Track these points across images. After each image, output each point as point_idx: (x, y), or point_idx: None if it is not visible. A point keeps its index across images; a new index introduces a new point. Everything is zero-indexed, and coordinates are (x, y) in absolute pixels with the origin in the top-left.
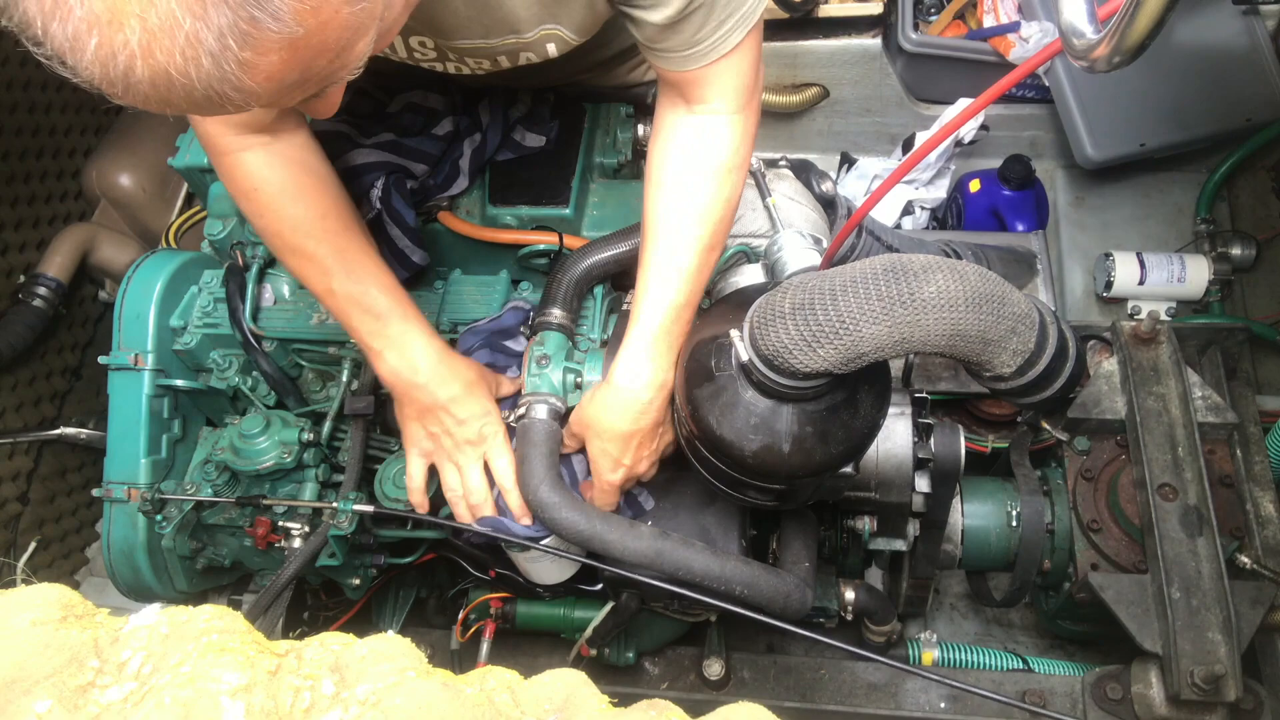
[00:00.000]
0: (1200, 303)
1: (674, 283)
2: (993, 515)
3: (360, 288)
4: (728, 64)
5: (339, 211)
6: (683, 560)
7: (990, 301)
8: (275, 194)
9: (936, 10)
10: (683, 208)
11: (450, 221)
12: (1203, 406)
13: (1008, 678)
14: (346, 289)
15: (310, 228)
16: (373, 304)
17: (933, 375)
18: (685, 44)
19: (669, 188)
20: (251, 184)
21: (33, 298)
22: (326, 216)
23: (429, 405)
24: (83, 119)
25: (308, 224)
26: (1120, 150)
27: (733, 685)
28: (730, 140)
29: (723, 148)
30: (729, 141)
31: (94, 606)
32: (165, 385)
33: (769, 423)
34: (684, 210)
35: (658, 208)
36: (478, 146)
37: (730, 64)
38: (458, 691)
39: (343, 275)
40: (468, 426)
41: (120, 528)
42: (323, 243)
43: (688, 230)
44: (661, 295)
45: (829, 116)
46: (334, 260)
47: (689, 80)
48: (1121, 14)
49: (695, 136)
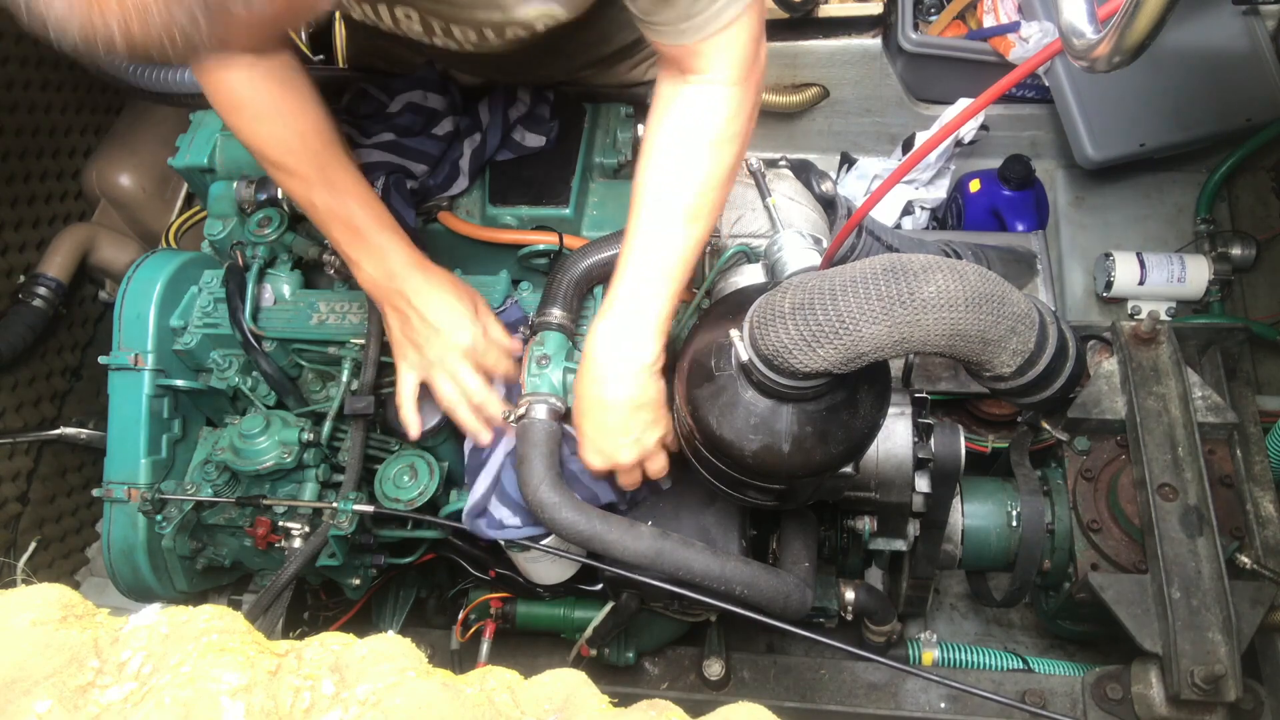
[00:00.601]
0: (1200, 303)
1: (659, 253)
2: (993, 515)
3: (339, 201)
4: (725, 38)
5: (319, 129)
6: (683, 560)
7: (990, 301)
8: (258, 112)
9: (936, 10)
10: (673, 177)
11: (450, 221)
12: (1203, 406)
13: (1008, 678)
14: (327, 203)
15: (292, 144)
16: (351, 217)
17: (933, 375)
18: (680, 17)
19: (660, 156)
20: (235, 102)
21: (33, 298)
22: (307, 135)
23: (408, 314)
24: (83, 119)
25: (289, 141)
26: (1120, 150)
27: (733, 685)
28: (726, 111)
29: (718, 118)
30: (725, 112)
31: (94, 606)
32: (165, 385)
33: (769, 423)
34: (675, 179)
35: (647, 176)
36: (478, 146)
37: (728, 37)
38: (458, 691)
39: (323, 189)
40: (450, 334)
41: (120, 528)
42: (304, 159)
43: (678, 200)
44: (645, 265)
45: (829, 116)
46: (315, 175)
47: (685, 53)
48: (1121, 14)
49: (690, 107)
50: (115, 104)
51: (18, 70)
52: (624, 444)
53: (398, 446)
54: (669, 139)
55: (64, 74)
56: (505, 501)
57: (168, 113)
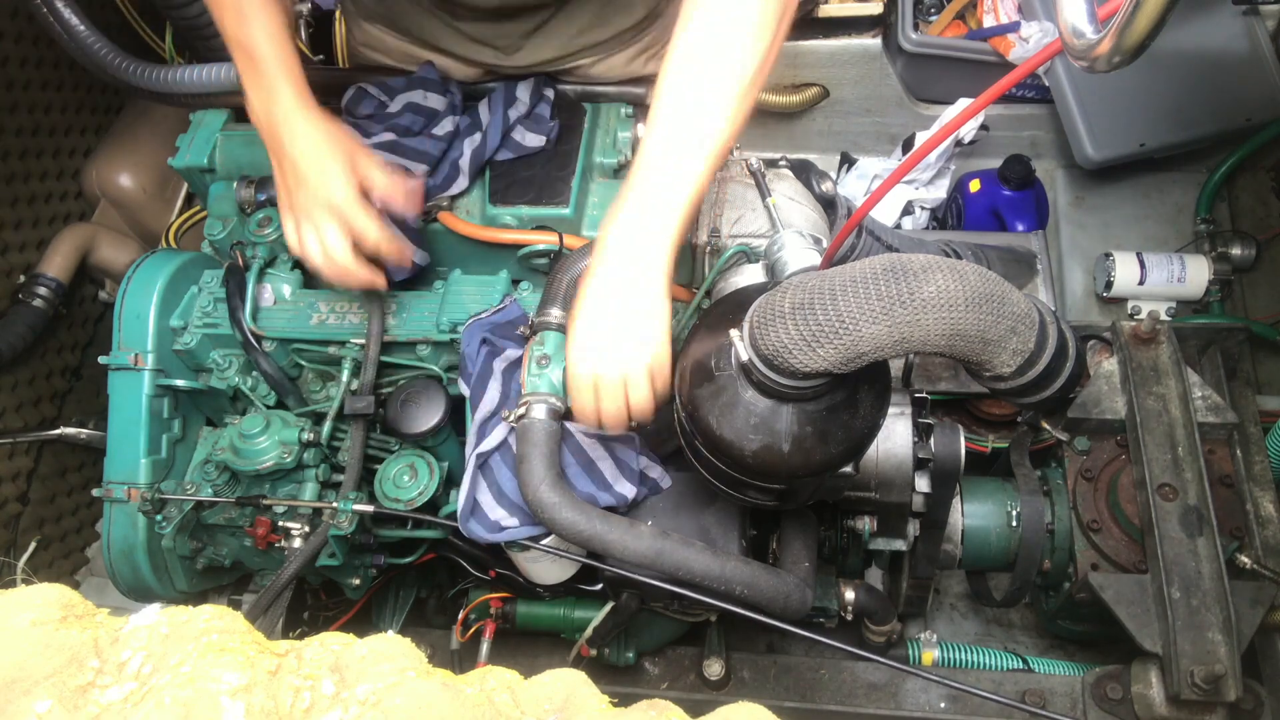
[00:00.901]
0: (1200, 303)
1: (684, 152)
2: (993, 515)
3: (244, 28)
4: None
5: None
6: (683, 560)
7: (990, 301)
8: None
9: (936, 10)
10: (709, 65)
11: (450, 221)
12: (1203, 406)
13: (1008, 678)
14: (234, 28)
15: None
16: (254, 47)
17: (933, 375)
18: None
19: (693, 41)
20: None
21: (33, 298)
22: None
23: (281, 158)
24: (83, 119)
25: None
26: (1120, 150)
27: (733, 685)
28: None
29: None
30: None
31: (94, 606)
32: (165, 385)
33: (769, 423)
34: (710, 69)
35: (680, 60)
36: (478, 146)
37: None
38: (458, 691)
39: (232, 13)
40: (316, 187)
41: (120, 528)
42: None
43: (712, 93)
44: (667, 165)
45: (829, 116)
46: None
47: None
48: (1121, 14)
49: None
50: (115, 104)
51: (18, 70)
52: (612, 353)
53: (398, 446)
54: (704, 19)
55: (64, 74)
56: (503, 502)
57: (168, 113)
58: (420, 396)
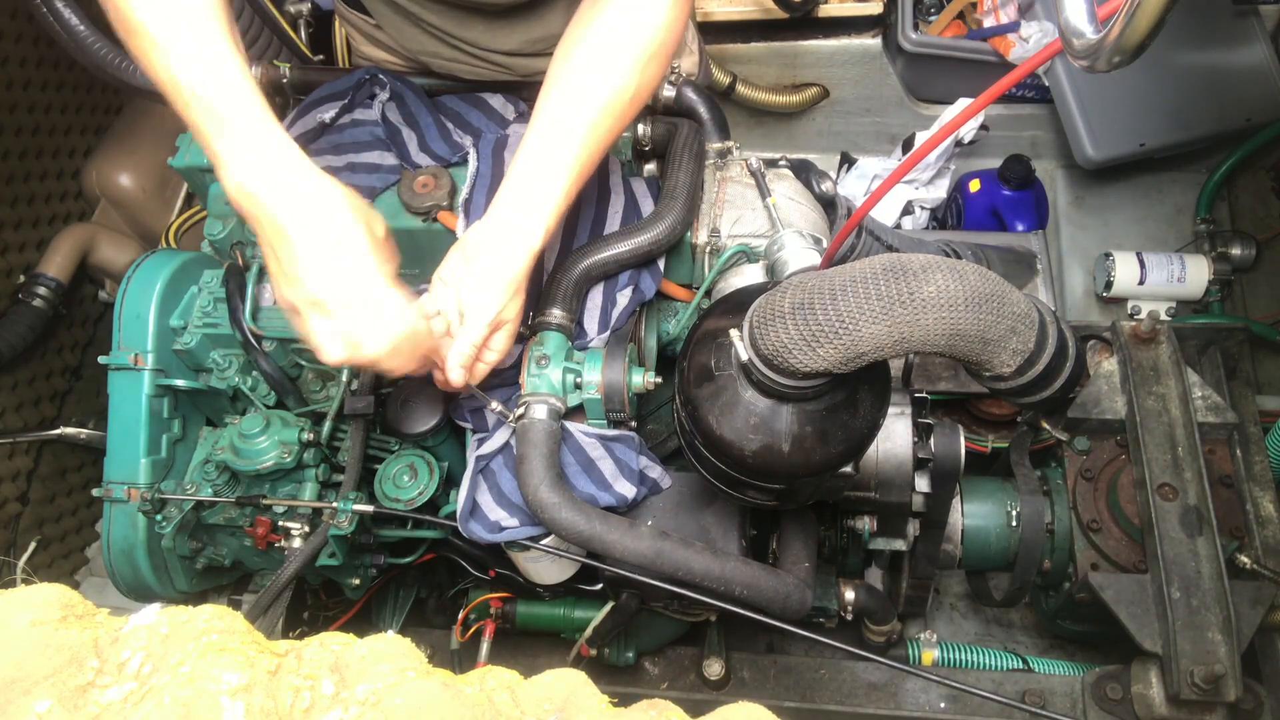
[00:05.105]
0: (1200, 303)
1: (565, 149)
2: (993, 515)
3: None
4: None
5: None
6: (683, 560)
7: (990, 301)
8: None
9: (936, 10)
10: (593, 77)
11: (450, 221)
12: (1203, 406)
13: (1008, 678)
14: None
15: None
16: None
17: (933, 375)
18: None
19: (583, 51)
20: None
21: (33, 298)
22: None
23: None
24: (83, 119)
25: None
26: (1120, 150)
27: (733, 685)
28: (659, 22)
29: (649, 29)
30: (657, 21)
31: (94, 606)
32: (165, 385)
33: (769, 422)
34: (594, 80)
35: (569, 65)
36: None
37: None
38: (458, 691)
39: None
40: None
41: (120, 528)
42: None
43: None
44: (549, 157)
45: (829, 116)
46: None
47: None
48: (1121, 14)
49: (622, 9)
50: (115, 104)
51: (18, 70)
52: (486, 303)
53: (398, 446)
54: (597, 36)
55: (64, 74)
56: (503, 503)
57: (168, 113)
58: (420, 396)
